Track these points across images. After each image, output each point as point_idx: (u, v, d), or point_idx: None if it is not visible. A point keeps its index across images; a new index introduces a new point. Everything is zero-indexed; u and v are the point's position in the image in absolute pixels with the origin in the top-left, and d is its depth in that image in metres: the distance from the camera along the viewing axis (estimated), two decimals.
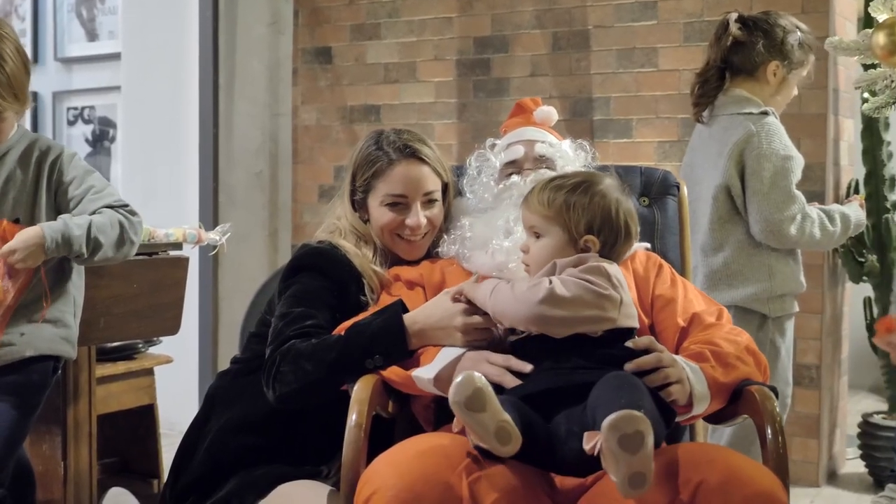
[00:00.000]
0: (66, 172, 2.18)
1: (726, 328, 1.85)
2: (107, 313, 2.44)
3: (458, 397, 1.47)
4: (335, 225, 2.10)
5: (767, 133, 2.66)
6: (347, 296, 1.98)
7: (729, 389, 1.70)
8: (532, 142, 2.10)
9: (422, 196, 2.07)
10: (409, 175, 2.06)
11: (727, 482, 1.43)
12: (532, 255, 1.80)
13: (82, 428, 2.53)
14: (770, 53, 2.72)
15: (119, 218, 2.14)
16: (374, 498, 1.43)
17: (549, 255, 1.77)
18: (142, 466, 3.01)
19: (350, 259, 2.00)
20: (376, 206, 2.07)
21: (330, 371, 1.79)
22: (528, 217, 1.81)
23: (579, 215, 1.75)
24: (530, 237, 1.81)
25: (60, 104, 5.05)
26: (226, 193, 4.43)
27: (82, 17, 4.96)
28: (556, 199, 1.77)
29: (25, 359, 2.16)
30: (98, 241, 2.09)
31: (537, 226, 1.79)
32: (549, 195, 1.78)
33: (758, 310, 2.69)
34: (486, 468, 1.49)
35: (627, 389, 1.51)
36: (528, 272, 1.81)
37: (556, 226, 1.77)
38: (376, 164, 2.07)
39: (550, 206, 1.77)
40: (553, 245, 1.77)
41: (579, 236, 1.76)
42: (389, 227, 2.06)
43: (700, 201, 2.74)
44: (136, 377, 2.88)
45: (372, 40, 4.44)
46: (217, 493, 1.97)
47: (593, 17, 3.98)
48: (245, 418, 2.03)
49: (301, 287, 1.97)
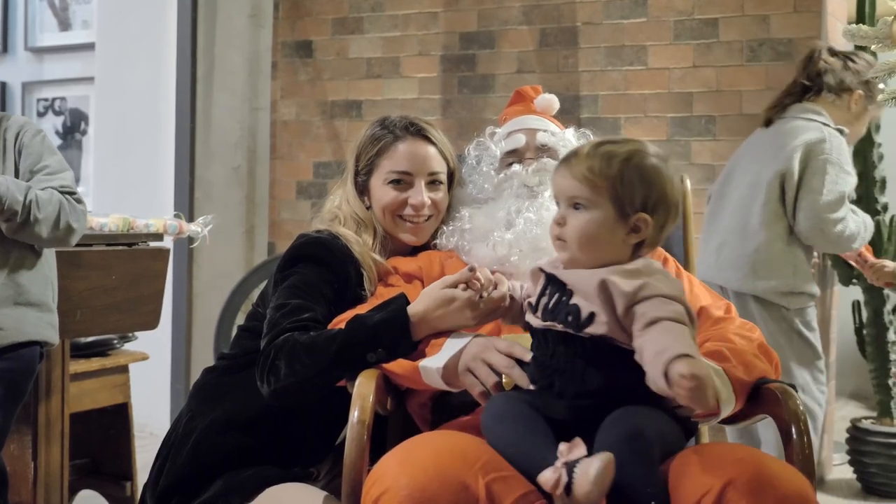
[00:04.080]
0: (26, 146, 2.16)
1: (737, 322, 1.80)
2: (84, 305, 2.34)
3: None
4: (334, 213, 2.01)
5: (839, 146, 2.87)
6: (347, 288, 1.89)
7: (749, 388, 1.63)
8: (534, 130, 2.03)
9: (427, 175, 1.99)
10: (414, 152, 1.98)
11: (757, 482, 1.35)
12: (572, 229, 1.55)
13: (54, 427, 2.43)
14: (859, 83, 2.95)
15: (61, 199, 2.09)
16: (385, 498, 1.33)
17: (594, 233, 1.54)
18: (114, 468, 2.91)
19: (350, 248, 1.91)
20: (379, 186, 1.99)
21: (329, 365, 1.70)
22: (569, 185, 1.56)
23: (634, 189, 1.53)
24: (568, 208, 1.57)
25: (30, 95, 4.92)
26: (202, 188, 4.33)
27: (55, 7, 4.83)
28: (609, 168, 1.53)
29: (12, 344, 2.11)
30: (34, 213, 2.03)
31: (581, 196, 1.54)
32: (600, 163, 1.54)
33: (777, 302, 2.86)
34: (503, 469, 1.40)
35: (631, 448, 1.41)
36: (562, 249, 1.58)
37: (605, 198, 1.53)
38: (381, 141, 2.00)
39: (601, 175, 1.53)
40: (601, 221, 1.53)
41: (632, 213, 1.54)
42: (392, 208, 1.98)
43: (741, 186, 2.96)
44: (110, 374, 2.79)
45: (354, 34, 4.36)
46: (202, 495, 1.88)
47: (582, 13, 3.92)
48: (232, 417, 1.93)
49: (299, 278, 1.87)
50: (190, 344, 4.31)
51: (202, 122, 4.34)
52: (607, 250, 1.55)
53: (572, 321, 1.52)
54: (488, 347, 1.62)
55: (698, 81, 3.75)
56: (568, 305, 1.54)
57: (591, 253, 1.55)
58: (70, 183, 2.16)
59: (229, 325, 4.05)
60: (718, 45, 3.73)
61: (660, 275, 1.53)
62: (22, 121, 2.20)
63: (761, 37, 3.66)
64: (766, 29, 3.65)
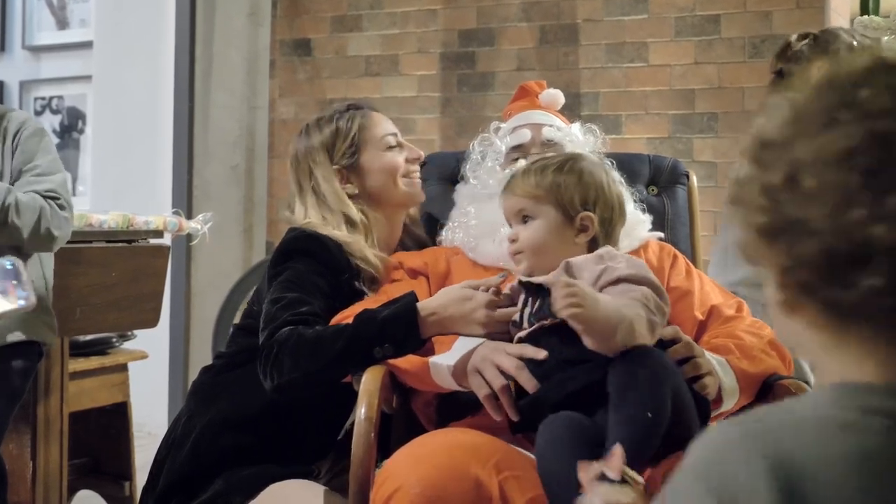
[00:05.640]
0: (22, 143, 2.15)
1: (747, 321, 1.78)
2: (84, 303, 2.32)
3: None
4: (311, 224, 1.96)
5: None
6: (341, 283, 1.87)
7: (757, 383, 1.62)
8: (539, 125, 2.02)
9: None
10: (384, 117, 2.06)
11: None
12: (525, 240, 1.68)
13: (53, 426, 2.41)
14: (815, 56, 2.79)
15: (42, 204, 2.06)
16: (397, 495, 1.30)
17: (543, 237, 1.67)
18: (113, 468, 2.88)
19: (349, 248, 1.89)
20: (378, 156, 2.00)
21: (336, 360, 1.67)
22: (513, 203, 1.71)
23: (572, 191, 1.67)
24: (517, 224, 1.71)
25: (28, 94, 4.89)
26: (200, 187, 4.31)
27: (52, 5, 4.80)
28: (545, 178, 1.68)
29: (10, 344, 2.10)
30: (11, 218, 2.01)
31: (526, 208, 1.69)
32: (535, 177, 1.69)
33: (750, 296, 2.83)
34: (517, 467, 1.38)
35: (641, 378, 1.41)
36: (521, 261, 1.69)
37: (547, 205, 1.68)
38: (353, 120, 2.01)
39: (539, 187, 1.68)
40: (547, 225, 1.67)
41: (575, 213, 1.67)
42: (401, 169, 2.02)
43: None
44: (109, 373, 2.77)
45: (353, 32, 4.33)
46: (202, 495, 1.86)
47: (582, 10, 3.90)
48: (231, 415, 1.91)
49: (294, 272, 1.85)
50: (188, 343, 4.28)
51: (200, 121, 4.31)
52: (561, 252, 1.65)
53: None
54: (498, 350, 1.59)
55: (700, 78, 3.73)
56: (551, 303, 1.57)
57: (547, 258, 1.65)
58: (57, 187, 2.12)
59: (228, 324, 4.02)
60: (720, 41, 3.71)
61: (620, 258, 1.61)
62: (23, 117, 2.18)
63: (763, 33, 3.64)
64: (769, 25, 3.63)
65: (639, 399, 1.38)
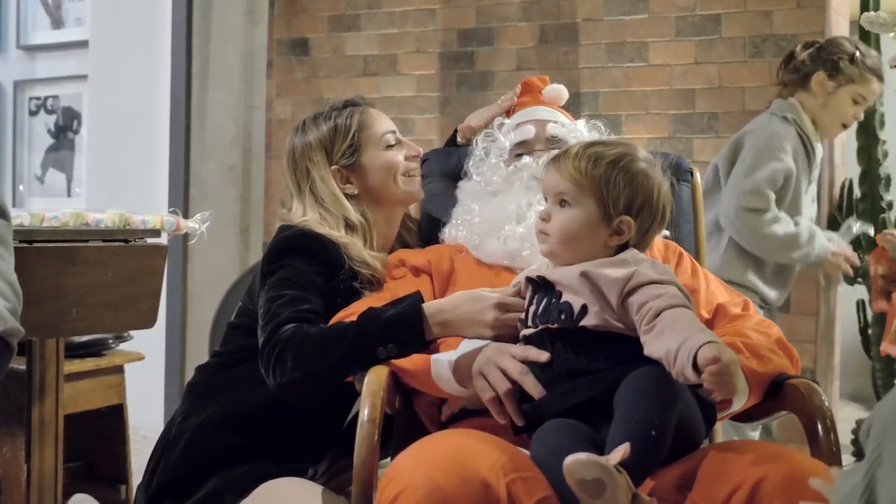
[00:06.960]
0: None
1: (754, 319, 1.76)
2: (79, 303, 2.27)
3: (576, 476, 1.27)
4: (307, 222, 1.93)
5: (771, 133, 2.83)
6: (339, 283, 1.84)
7: (766, 382, 1.58)
8: (543, 121, 1.99)
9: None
10: (382, 113, 2.04)
11: (791, 479, 1.31)
12: (556, 226, 1.59)
13: (48, 428, 2.36)
14: (815, 64, 2.89)
15: None
16: (403, 497, 1.26)
17: (576, 230, 1.57)
18: (108, 471, 2.85)
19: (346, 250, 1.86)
20: (379, 154, 1.97)
21: (340, 359, 1.64)
22: (556, 183, 1.60)
23: (619, 192, 1.56)
24: (554, 205, 1.61)
25: (22, 94, 4.86)
26: (197, 187, 4.27)
27: (47, 4, 4.77)
28: (596, 169, 1.57)
29: None
30: None
31: (567, 193, 1.58)
32: (587, 163, 1.57)
33: None
34: (524, 468, 1.35)
35: (650, 397, 1.37)
36: (545, 242, 1.61)
37: (590, 198, 1.57)
38: (352, 118, 1.98)
39: (588, 176, 1.56)
40: (583, 219, 1.57)
41: (616, 215, 1.57)
42: (402, 167, 2.00)
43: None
44: (105, 375, 2.74)
45: (351, 31, 4.30)
46: (195, 494, 1.83)
47: (582, 9, 3.88)
48: (226, 415, 1.89)
49: (290, 270, 1.82)
50: (185, 345, 4.25)
51: (197, 121, 4.28)
52: (587, 249, 1.58)
53: (566, 318, 1.52)
54: (503, 353, 1.56)
55: (700, 78, 3.71)
56: (559, 304, 1.54)
57: (571, 250, 1.58)
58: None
59: (224, 325, 3.99)
60: (720, 41, 3.68)
61: (646, 262, 1.55)
62: None
63: (764, 33, 3.61)
64: (769, 25, 3.61)
65: (644, 417, 1.35)
